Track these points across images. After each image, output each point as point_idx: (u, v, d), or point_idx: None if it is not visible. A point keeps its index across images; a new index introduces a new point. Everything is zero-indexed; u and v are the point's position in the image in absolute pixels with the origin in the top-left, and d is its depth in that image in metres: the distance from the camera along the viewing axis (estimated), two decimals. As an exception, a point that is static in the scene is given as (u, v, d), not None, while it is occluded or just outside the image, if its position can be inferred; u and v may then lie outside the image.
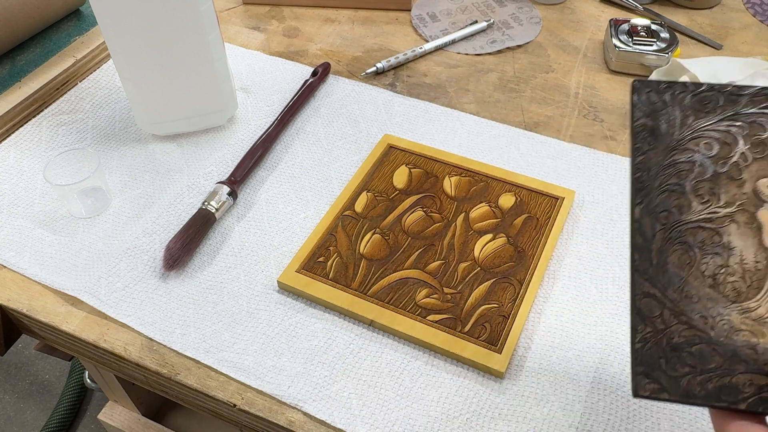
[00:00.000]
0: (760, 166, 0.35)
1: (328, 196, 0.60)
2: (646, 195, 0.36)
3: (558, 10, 0.82)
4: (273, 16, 0.82)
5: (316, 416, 0.46)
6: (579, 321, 0.51)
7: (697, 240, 0.35)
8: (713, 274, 0.34)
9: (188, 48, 0.59)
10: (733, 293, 0.34)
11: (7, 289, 0.55)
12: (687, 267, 0.34)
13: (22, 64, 0.71)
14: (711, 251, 0.34)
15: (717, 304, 0.34)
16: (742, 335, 0.33)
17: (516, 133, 0.66)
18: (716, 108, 0.36)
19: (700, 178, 0.36)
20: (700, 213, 0.35)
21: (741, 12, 0.81)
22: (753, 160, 0.36)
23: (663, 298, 0.34)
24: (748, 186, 0.35)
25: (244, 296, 0.53)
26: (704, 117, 0.36)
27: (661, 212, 0.35)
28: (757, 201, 0.35)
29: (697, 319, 0.33)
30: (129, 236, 0.57)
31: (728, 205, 0.35)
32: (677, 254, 0.35)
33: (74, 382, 1.21)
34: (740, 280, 0.34)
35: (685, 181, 0.36)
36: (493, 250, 0.54)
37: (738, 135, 0.36)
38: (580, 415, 0.46)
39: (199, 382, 0.48)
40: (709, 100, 0.37)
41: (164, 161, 0.64)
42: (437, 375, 0.48)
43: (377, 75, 0.73)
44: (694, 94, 0.37)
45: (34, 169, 0.63)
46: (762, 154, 0.36)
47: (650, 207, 0.35)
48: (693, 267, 0.34)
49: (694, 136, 0.36)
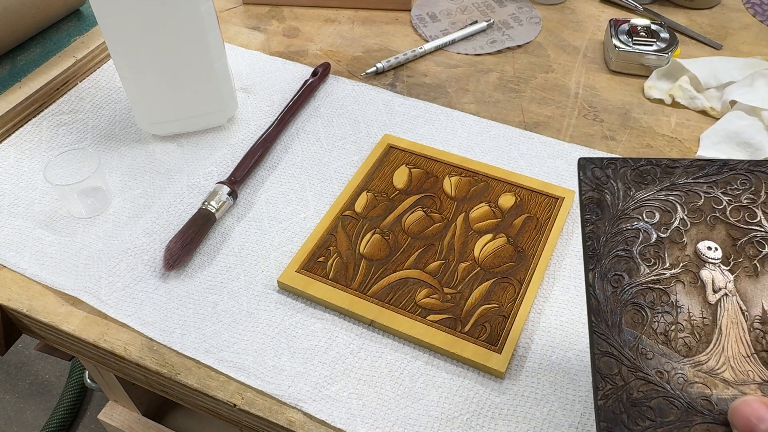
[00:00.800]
0: (698, 230, 0.39)
1: (328, 196, 0.60)
2: (598, 261, 0.38)
3: (558, 10, 0.82)
4: (273, 16, 0.82)
5: (316, 416, 0.46)
6: (579, 321, 0.51)
7: (648, 300, 0.37)
8: (665, 332, 0.36)
9: (188, 48, 0.59)
10: (684, 348, 0.36)
11: (7, 289, 0.55)
12: (640, 326, 0.37)
13: (22, 64, 0.71)
14: (661, 310, 0.37)
15: (671, 359, 0.36)
16: (697, 387, 0.35)
17: (516, 133, 0.66)
18: (655, 179, 0.40)
19: (645, 243, 0.39)
20: (648, 275, 0.38)
21: (741, 12, 0.81)
22: (691, 224, 0.39)
23: (620, 356, 0.36)
24: (689, 248, 0.38)
25: (244, 296, 0.53)
26: (644, 188, 0.40)
27: (612, 276, 0.38)
28: (698, 261, 0.38)
29: (654, 374, 0.35)
30: (129, 236, 0.57)
31: (673, 266, 0.38)
32: (630, 314, 0.37)
33: (74, 382, 1.21)
34: (690, 336, 0.36)
35: (632, 247, 0.39)
36: (493, 250, 0.54)
37: (676, 203, 0.39)
38: (580, 415, 0.46)
39: (199, 382, 0.48)
40: (648, 173, 0.40)
41: (164, 161, 0.64)
42: (437, 375, 0.48)
43: (377, 75, 0.73)
44: (634, 168, 0.40)
45: (34, 169, 0.63)
46: (699, 219, 0.39)
47: (602, 272, 0.38)
48: (645, 325, 0.37)
49: (637, 206, 0.40)
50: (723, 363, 0.35)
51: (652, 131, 0.66)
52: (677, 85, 0.69)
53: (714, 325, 0.36)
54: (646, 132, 0.66)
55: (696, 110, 0.68)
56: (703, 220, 0.39)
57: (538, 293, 0.53)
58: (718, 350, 0.36)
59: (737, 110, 0.65)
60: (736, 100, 0.65)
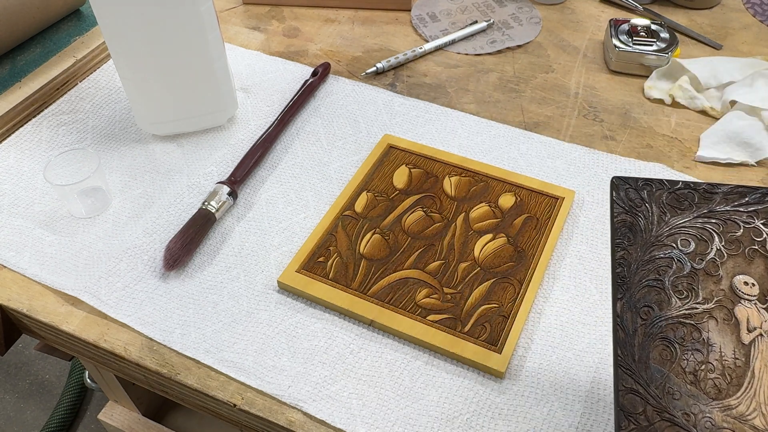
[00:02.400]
0: (735, 263, 0.37)
1: (328, 196, 0.60)
2: (627, 290, 0.36)
3: (558, 10, 0.82)
4: (273, 16, 0.82)
5: (316, 416, 0.46)
6: (579, 321, 0.51)
7: (678, 336, 0.35)
8: (694, 371, 0.34)
9: (188, 48, 0.59)
10: (714, 390, 0.34)
11: (7, 289, 0.55)
12: (668, 363, 0.35)
13: (22, 64, 0.71)
14: (691, 347, 0.35)
15: (699, 401, 0.34)
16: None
17: (516, 133, 0.66)
18: (692, 205, 0.38)
19: (678, 274, 0.37)
20: (680, 309, 0.36)
21: (741, 12, 0.81)
22: (728, 256, 0.37)
23: (646, 395, 0.34)
24: (724, 282, 0.36)
25: (244, 296, 0.53)
26: (680, 214, 0.38)
27: (642, 307, 0.36)
28: (733, 297, 0.36)
29: (680, 416, 0.33)
30: (129, 236, 0.57)
31: (706, 301, 0.36)
32: (658, 350, 0.35)
33: (74, 382, 1.21)
34: (721, 377, 0.34)
35: (664, 277, 0.37)
36: (493, 250, 0.54)
37: (713, 232, 0.37)
38: (580, 415, 0.46)
39: (199, 382, 0.48)
40: (685, 198, 0.38)
41: (164, 161, 0.64)
42: (437, 375, 0.48)
43: (377, 75, 0.73)
44: (671, 192, 0.39)
45: (35, 169, 0.63)
46: (737, 251, 0.37)
47: (631, 302, 0.36)
48: (674, 363, 0.35)
49: (671, 232, 0.38)
50: (754, 409, 0.33)
51: (652, 131, 0.66)
52: (677, 85, 0.69)
53: (746, 366, 0.34)
54: (646, 132, 0.66)
55: (696, 110, 0.68)
56: (741, 253, 0.37)
57: (538, 293, 0.53)
58: (750, 394, 0.34)
59: (737, 110, 0.65)
60: (736, 100, 0.65)
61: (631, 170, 0.61)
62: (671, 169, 0.61)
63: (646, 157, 0.63)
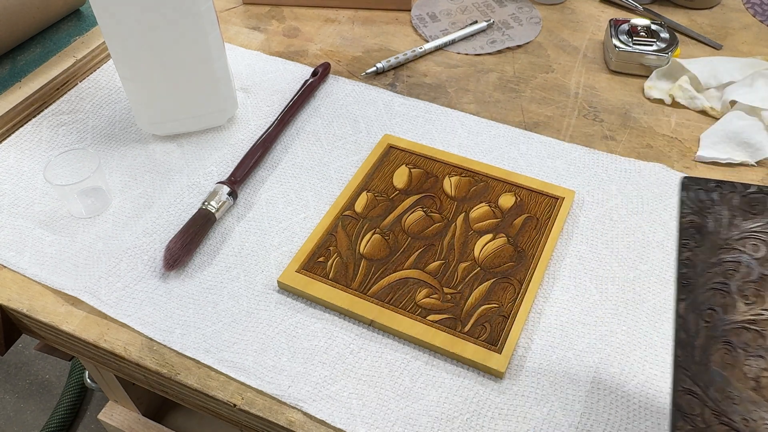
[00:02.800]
0: None
1: (328, 196, 0.60)
2: (691, 291, 0.36)
3: (558, 10, 0.82)
4: (273, 16, 0.82)
5: (316, 416, 0.46)
6: (579, 321, 0.51)
7: (741, 341, 0.34)
8: (756, 377, 0.34)
9: (188, 48, 0.59)
10: None
11: (7, 289, 0.55)
12: (730, 367, 0.34)
13: (22, 64, 0.71)
14: (755, 353, 0.34)
15: (759, 408, 0.33)
16: None
17: (516, 133, 0.66)
18: (764, 210, 0.37)
19: (746, 279, 0.36)
20: (745, 314, 0.35)
21: (741, 12, 0.81)
22: None
23: (704, 397, 0.33)
24: None
25: (244, 296, 0.53)
26: (752, 218, 0.37)
27: (705, 310, 0.35)
28: None
29: (739, 421, 0.33)
30: (129, 236, 0.57)
31: None
32: (720, 353, 0.34)
33: (74, 382, 1.21)
34: None
35: (730, 281, 0.36)
36: (493, 250, 0.54)
37: None
38: (580, 415, 0.46)
39: (199, 382, 0.48)
40: (757, 202, 0.38)
41: (164, 161, 0.64)
42: (437, 375, 0.48)
43: (377, 75, 0.73)
44: (743, 195, 0.38)
45: (34, 169, 0.63)
46: None
47: (695, 304, 0.36)
48: (736, 368, 0.34)
49: (741, 236, 0.37)
50: None
51: (652, 131, 0.66)
52: (677, 85, 0.69)
53: None
54: (646, 132, 0.66)
55: (696, 110, 0.68)
56: None
57: (538, 293, 0.53)
58: None
59: (737, 110, 0.65)
60: (736, 100, 0.65)
61: (631, 170, 0.61)
62: (671, 169, 0.61)
63: (646, 157, 0.63)
